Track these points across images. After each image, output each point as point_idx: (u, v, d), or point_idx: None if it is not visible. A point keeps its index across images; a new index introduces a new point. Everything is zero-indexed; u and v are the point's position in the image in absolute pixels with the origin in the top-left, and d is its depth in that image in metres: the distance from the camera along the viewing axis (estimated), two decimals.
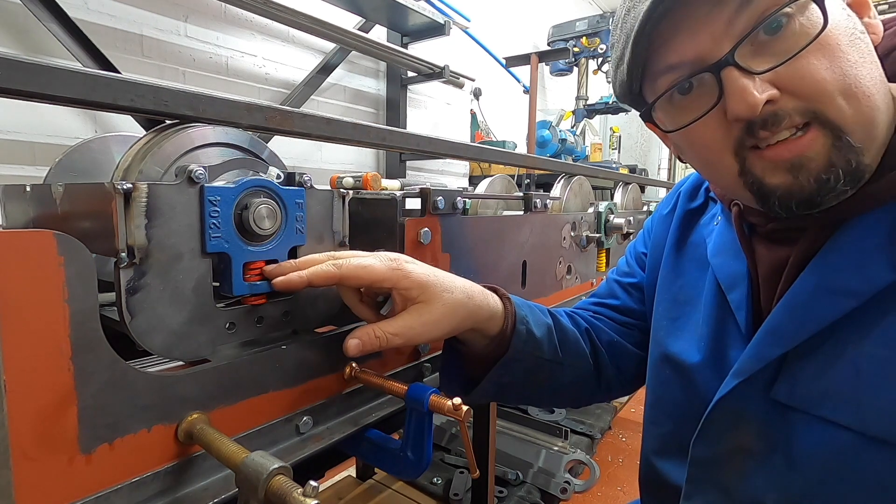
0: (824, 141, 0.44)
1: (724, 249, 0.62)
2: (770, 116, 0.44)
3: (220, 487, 0.52)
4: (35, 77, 0.44)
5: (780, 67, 0.43)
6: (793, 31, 0.43)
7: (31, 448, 0.39)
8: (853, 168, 0.44)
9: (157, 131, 0.61)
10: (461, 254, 0.90)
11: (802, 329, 0.49)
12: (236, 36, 2.37)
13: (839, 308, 0.47)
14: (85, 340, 0.42)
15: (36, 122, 1.76)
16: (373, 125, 0.79)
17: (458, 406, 0.58)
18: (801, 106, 0.43)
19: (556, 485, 1.68)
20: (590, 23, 4.10)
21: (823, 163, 0.44)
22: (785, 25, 0.43)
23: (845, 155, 0.44)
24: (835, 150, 0.44)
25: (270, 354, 0.58)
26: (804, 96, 0.43)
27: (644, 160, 5.34)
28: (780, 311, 0.51)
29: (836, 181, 0.44)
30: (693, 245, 0.69)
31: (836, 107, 0.43)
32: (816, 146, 0.44)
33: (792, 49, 0.43)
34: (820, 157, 0.44)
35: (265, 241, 0.58)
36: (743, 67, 0.44)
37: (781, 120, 0.44)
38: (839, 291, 0.47)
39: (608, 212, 1.55)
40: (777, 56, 0.43)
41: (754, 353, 0.52)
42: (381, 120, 3.20)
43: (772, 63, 0.43)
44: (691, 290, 0.67)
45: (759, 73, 0.44)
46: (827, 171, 0.44)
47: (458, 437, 1.90)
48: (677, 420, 0.64)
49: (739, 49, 0.44)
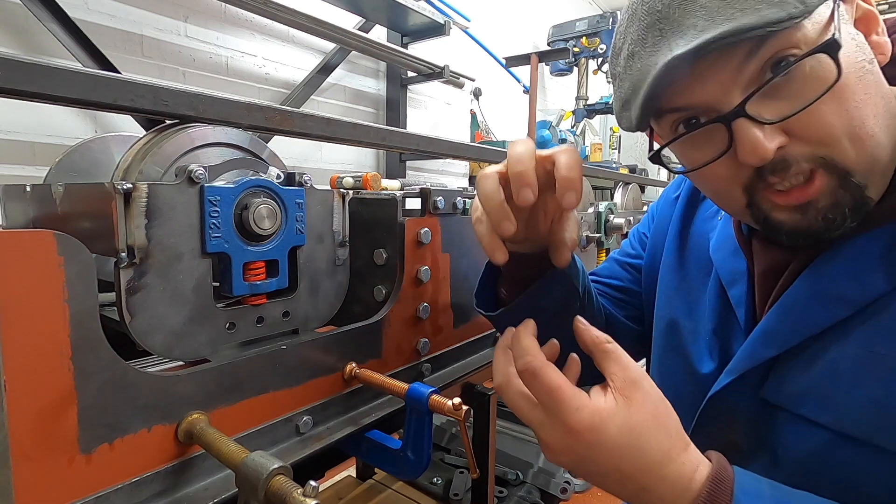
0: (829, 182, 0.44)
1: (725, 245, 0.63)
2: (780, 162, 0.44)
3: (220, 487, 0.52)
4: (35, 77, 0.44)
5: (789, 119, 0.43)
6: (803, 73, 0.42)
7: (31, 448, 0.39)
8: (858, 204, 0.45)
9: (157, 131, 0.61)
10: (461, 254, 0.90)
11: (796, 332, 0.50)
12: (236, 36, 2.37)
13: (833, 315, 0.48)
14: (85, 340, 0.42)
15: (36, 122, 1.76)
16: (373, 125, 0.79)
17: (458, 406, 0.58)
18: (809, 152, 0.44)
19: (556, 485, 1.68)
20: (590, 23, 4.10)
21: (830, 202, 0.45)
22: (795, 68, 0.42)
23: (851, 194, 0.45)
24: (841, 191, 0.45)
25: (270, 354, 0.58)
26: (813, 142, 0.44)
27: (644, 160, 5.34)
28: (776, 314, 0.52)
29: (844, 219, 0.45)
30: (696, 235, 0.70)
31: (842, 150, 0.43)
32: (821, 190, 0.45)
33: (802, 94, 0.42)
34: (826, 198, 0.45)
35: (265, 241, 0.58)
36: (753, 118, 0.43)
37: (790, 166, 0.44)
38: (834, 299, 0.48)
39: (608, 212, 1.55)
40: (787, 100, 0.43)
41: (748, 353, 0.53)
42: (381, 120, 3.20)
43: (782, 110, 0.43)
44: (695, 281, 0.67)
45: (776, 123, 0.43)
46: (833, 210, 0.45)
47: (458, 437, 1.90)
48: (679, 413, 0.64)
49: (750, 100, 0.43)
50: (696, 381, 0.61)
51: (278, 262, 0.60)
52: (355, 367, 0.67)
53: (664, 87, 0.46)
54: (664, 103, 0.48)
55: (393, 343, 0.76)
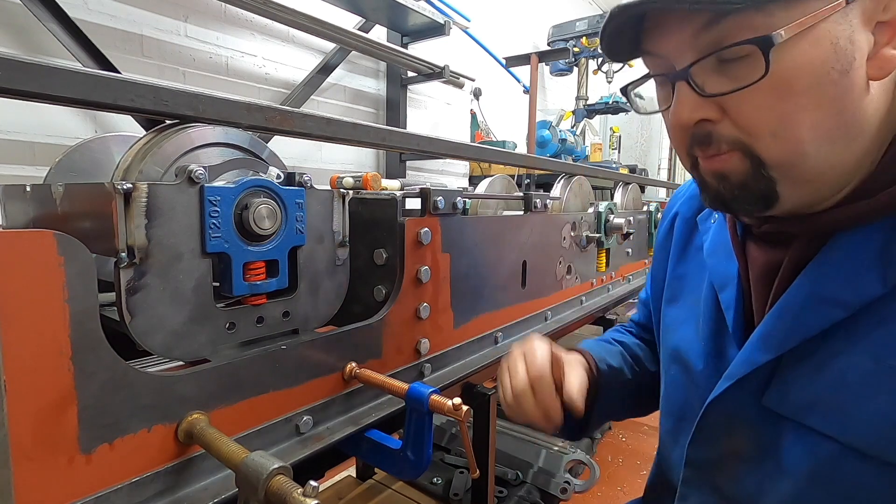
0: (742, 163, 0.47)
1: (718, 249, 0.62)
2: (704, 136, 0.47)
3: (220, 487, 0.52)
4: (35, 77, 0.44)
5: (727, 96, 0.45)
6: (752, 60, 0.43)
7: (31, 448, 0.39)
8: (766, 194, 0.47)
9: (157, 131, 0.61)
10: (461, 254, 0.90)
11: (792, 336, 0.50)
12: (236, 36, 2.37)
13: (828, 317, 0.48)
14: (85, 340, 0.42)
15: (36, 122, 1.76)
16: (373, 125, 0.79)
17: (458, 406, 0.58)
18: (734, 136, 0.46)
19: (556, 485, 1.68)
20: (590, 23, 4.10)
21: (740, 181, 0.48)
22: (748, 54, 0.43)
23: (760, 181, 0.47)
24: (752, 174, 0.47)
25: (270, 354, 0.58)
26: (740, 127, 0.45)
27: (644, 160, 5.34)
28: (773, 317, 0.52)
29: (750, 202, 0.48)
30: (695, 248, 0.70)
31: (764, 145, 0.45)
32: (733, 165, 0.47)
33: (742, 79, 0.43)
34: (738, 175, 0.47)
35: (265, 241, 0.58)
36: (694, 85, 0.46)
37: (711, 142, 0.47)
38: (829, 301, 0.47)
39: (608, 212, 1.55)
40: (730, 81, 0.44)
41: (746, 357, 0.53)
42: (381, 120, 3.20)
43: (723, 88, 0.45)
44: (692, 290, 0.67)
45: (706, 96, 0.46)
46: (742, 189, 0.48)
47: (458, 437, 1.90)
48: (678, 418, 0.64)
49: (697, 66, 0.45)
50: (695, 388, 0.61)
51: (278, 262, 0.60)
52: (355, 367, 0.67)
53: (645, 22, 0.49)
54: (644, 44, 0.51)
55: (393, 343, 0.76)
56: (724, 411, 0.55)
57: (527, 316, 1.17)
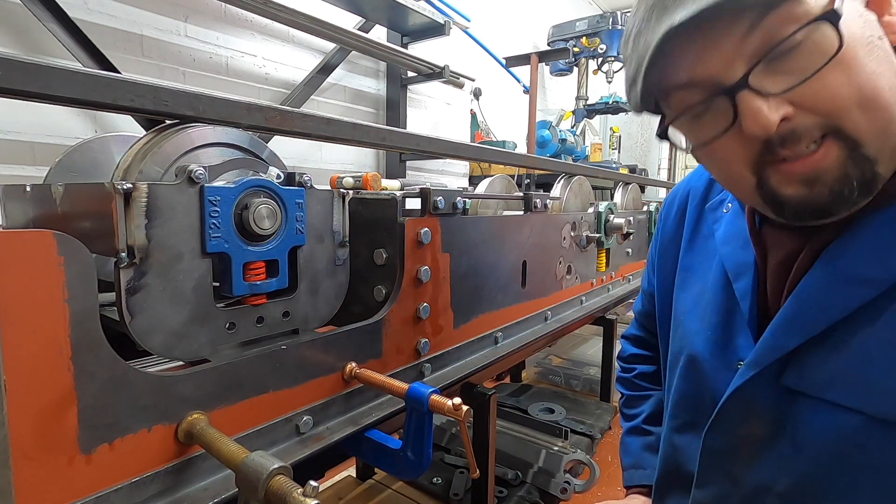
0: (839, 153, 0.44)
1: (733, 238, 0.62)
2: (788, 134, 0.44)
3: (220, 487, 0.52)
4: (35, 77, 0.44)
5: (796, 90, 0.43)
6: (807, 46, 0.42)
7: (31, 448, 0.39)
8: (868, 179, 0.44)
9: (157, 131, 0.61)
10: (461, 254, 0.90)
11: (821, 318, 0.49)
12: (236, 36, 2.37)
13: (857, 297, 0.47)
14: (85, 340, 0.42)
15: (36, 122, 1.76)
16: (373, 125, 0.79)
17: (458, 406, 0.58)
18: (819, 121, 0.43)
19: (556, 485, 1.68)
20: (590, 23, 4.10)
21: (839, 175, 0.44)
22: (799, 43, 0.42)
23: (860, 166, 0.44)
24: (850, 162, 0.44)
25: (270, 354, 0.58)
26: (821, 112, 0.43)
27: (644, 160, 5.34)
28: (795, 302, 0.51)
29: (851, 193, 0.45)
30: (702, 237, 0.70)
31: (853, 120, 0.43)
32: (830, 159, 0.44)
33: (807, 67, 0.42)
34: (835, 169, 0.44)
35: (265, 241, 0.58)
36: (757, 90, 0.43)
37: (800, 137, 0.44)
38: (857, 281, 0.47)
39: (608, 212, 1.55)
40: (792, 74, 0.43)
41: (770, 344, 0.53)
42: (381, 120, 3.20)
43: (787, 83, 0.43)
44: (697, 280, 0.67)
45: (780, 94, 0.43)
46: (841, 182, 0.44)
47: (458, 437, 1.90)
48: (689, 409, 0.64)
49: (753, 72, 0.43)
50: (703, 376, 0.61)
51: (278, 262, 0.60)
52: (355, 367, 0.67)
53: (668, 60, 0.46)
54: (669, 78, 0.48)
55: (393, 343, 0.76)
56: (742, 398, 0.55)
57: (527, 316, 1.17)
